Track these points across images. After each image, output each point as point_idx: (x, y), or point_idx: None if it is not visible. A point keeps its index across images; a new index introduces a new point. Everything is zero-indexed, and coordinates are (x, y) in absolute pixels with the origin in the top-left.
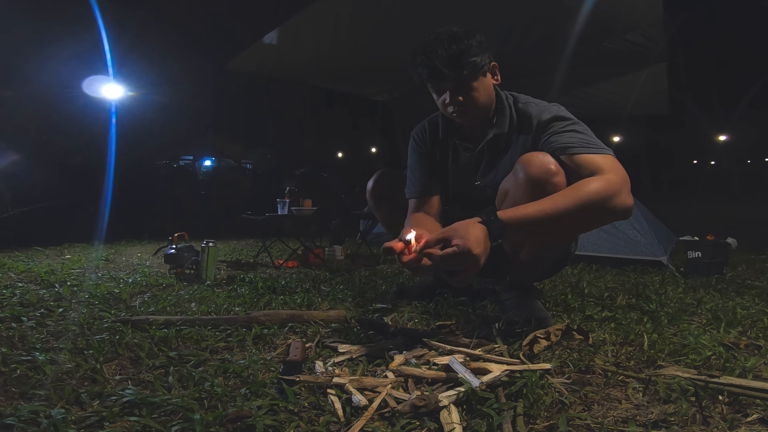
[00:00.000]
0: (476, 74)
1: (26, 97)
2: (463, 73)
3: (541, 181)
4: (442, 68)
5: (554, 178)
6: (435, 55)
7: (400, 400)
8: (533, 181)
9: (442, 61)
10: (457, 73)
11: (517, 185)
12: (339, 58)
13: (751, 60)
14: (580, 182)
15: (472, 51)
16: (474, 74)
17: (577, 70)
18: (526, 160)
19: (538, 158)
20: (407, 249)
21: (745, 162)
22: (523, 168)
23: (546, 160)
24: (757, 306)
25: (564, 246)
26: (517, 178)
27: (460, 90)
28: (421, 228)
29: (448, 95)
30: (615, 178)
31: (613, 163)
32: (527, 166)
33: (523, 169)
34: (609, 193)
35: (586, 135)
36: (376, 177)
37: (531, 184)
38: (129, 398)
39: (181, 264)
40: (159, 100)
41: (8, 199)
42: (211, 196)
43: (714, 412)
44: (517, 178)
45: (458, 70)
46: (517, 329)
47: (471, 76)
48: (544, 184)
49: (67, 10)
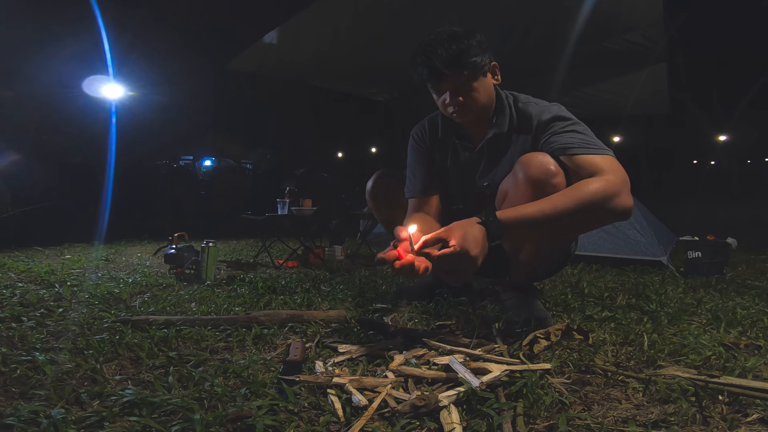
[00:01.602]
0: (476, 74)
1: (26, 97)
2: (463, 73)
3: (541, 181)
4: (442, 68)
5: (554, 179)
6: (435, 55)
7: (400, 400)
8: (533, 182)
9: (442, 61)
10: (457, 74)
11: (516, 186)
12: (339, 58)
13: (751, 60)
14: (580, 183)
15: (472, 51)
16: (474, 74)
17: (577, 70)
18: (525, 161)
19: (537, 159)
20: (404, 249)
21: (745, 162)
22: (523, 168)
23: (545, 161)
24: (757, 306)
25: (564, 246)
26: (516, 178)
27: (460, 90)
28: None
29: (448, 95)
30: (615, 178)
31: (612, 163)
32: (527, 166)
33: (522, 170)
34: (609, 194)
35: (586, 135)
36: (375, 177)
37: (530, 184)
38: (129, 398)
39: (181, 264)
40: (159, 100)
41: (8, 199)
42: (211, 196)
43: (714, 412)
44: (516, 178)
45: (458, 70)
46: (517, 329)
47: (471, 77)
48: (544, 184)
49: (67, 10)
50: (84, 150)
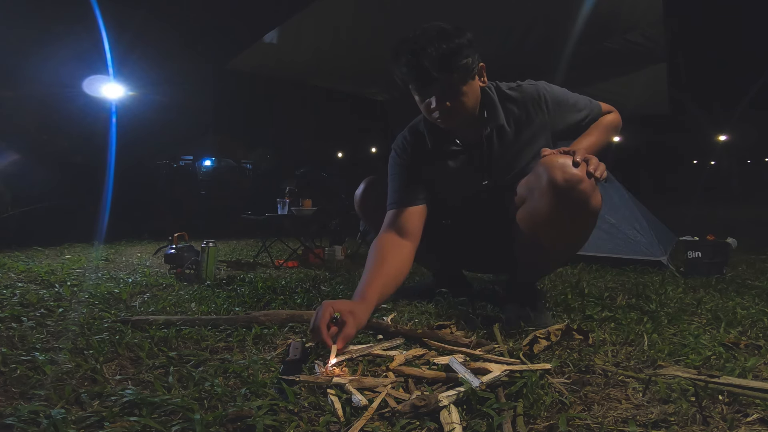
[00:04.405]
0: (466, 78)
1: (26, 97)
2: (453, 76)
3: (566, 188)
4: (431, 71)
5: (580, 186)
6: (424, 55)
7: (400, 400)
8: (556, 188)
9: (431, 62)
10: (446, 77)
11: (540, 191)
12: (339, 57)
13: (751, 60)
14: (601, 119)
15: (463, 51)
16: (464, 78)
17: (577, 70)
18: (549, 165)
19: (558, 162)
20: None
21: (745, 162)
22: (547, 172)
23: (569, 168)
24: (757, 306)
25: (575, 247)
26: (539, 183)
27: (448, 94)
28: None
29: (434, 99)
30: (613, 108)
31: (604, 105)
32: (552, 170)
33: (546, 174)
34: (618, 119)
35: (580, 102)
36: (364, 186)
37: (554, 190)
38: (129, 398)
39: (181, 264)
40: (159, 100)
41: (8, 199)
42: (211, 196)
43: (714, 412)
44: (539, 183)
45: (448, 73)
46: (517, 329)
47: (461, 80)
48: (569, 190)
49: (67, 10)
50: (84, 150)
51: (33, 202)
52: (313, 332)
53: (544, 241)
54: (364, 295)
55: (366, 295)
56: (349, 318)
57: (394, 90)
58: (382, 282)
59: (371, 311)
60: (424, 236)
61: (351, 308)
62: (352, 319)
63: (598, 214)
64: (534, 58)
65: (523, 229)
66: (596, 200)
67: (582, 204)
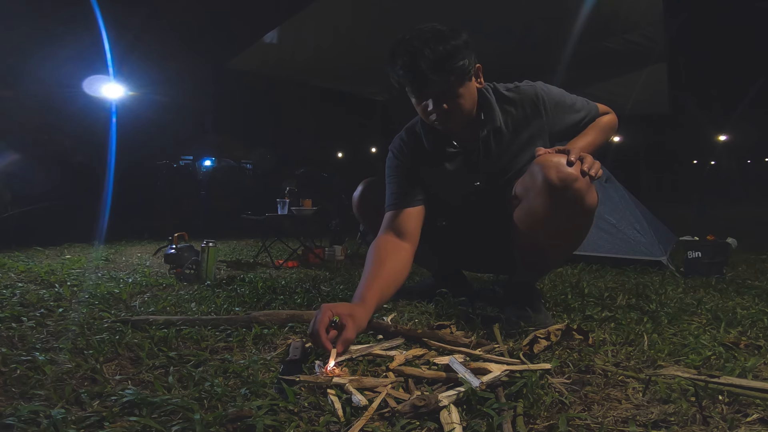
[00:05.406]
0: (463, 80)
1: (26, 97)
2: (449, 78)
3: (561, 187)
4: (427, 73)
5: (575, 184)
6: (421, 57)
7: (400, 400)
8: (552, 187)
9: (428, 64)
10: (443, 79)
11: (536, 191)
12: (339, 57)
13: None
14: (597, 120)
15: (460, 53)
16: (461, 80)
17: (577, 70)
18: (544, 164)
19: (553, 161)
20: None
21: (745, 162)
22: (542, 171)
23: (564, 168)
24: (757, 306)
25: (573, 246)
26: (535, 182)
27: (444, 97)
28: (381, 271)
29: (431, 102)
30: (610, 109)
31: (601, 106)
32: (546, 170)
33: (541, 173)
34: (615, 120)
35: (578, 103)
36: (362, 189)
37: (550, 190)
38: (129, 398)
39: (181, 264)
40: (159, 100)
41: (8, 199)
42: (211, 196)
43: (714, 412)
44: (535, 182)
45: (445, 75)
46: (517, 329)
47: (457, 82)
48: (564, 189)
49: (67, 10)
50: (84, 150)
51: (33, 202)
52: (312, 336)
53: (542, 240)
54: (364, 297)
55: (365, 298)
56: (349, 321)
57: (393, 90)
58: (382, 284)
59: (371, 314)
60: (423, 237)
61: (350, 311)
62: (352, 323)
63: (595, 212)
64: (534, 58)
65: (520, 228)
66: (591, 198)
67: (577, 202)
